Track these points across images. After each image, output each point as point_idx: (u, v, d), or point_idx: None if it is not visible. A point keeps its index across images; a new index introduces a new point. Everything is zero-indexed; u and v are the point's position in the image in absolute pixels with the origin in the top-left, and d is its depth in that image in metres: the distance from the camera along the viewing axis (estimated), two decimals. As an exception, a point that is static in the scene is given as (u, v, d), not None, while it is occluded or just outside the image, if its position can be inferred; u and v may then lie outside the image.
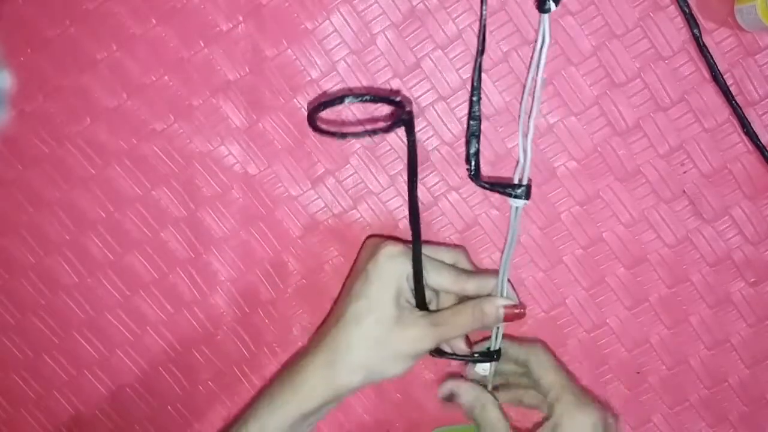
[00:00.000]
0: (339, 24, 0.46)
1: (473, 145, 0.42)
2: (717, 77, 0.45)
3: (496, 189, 0.42)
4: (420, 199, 0.47)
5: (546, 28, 0.38)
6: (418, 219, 0.41)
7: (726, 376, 0.49)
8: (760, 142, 0.45)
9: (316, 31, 0.46)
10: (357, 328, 0.41)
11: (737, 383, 0.49)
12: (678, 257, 0.47)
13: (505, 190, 0.41)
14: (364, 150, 0.47)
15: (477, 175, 0.42)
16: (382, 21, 0.45)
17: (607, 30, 0.45)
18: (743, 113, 0.45)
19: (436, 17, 0.45)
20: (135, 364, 0.50)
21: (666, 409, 0.49)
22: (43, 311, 0.49)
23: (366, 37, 0.46)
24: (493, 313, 0.43)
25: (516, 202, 0.41)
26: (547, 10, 0.37)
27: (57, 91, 0.46)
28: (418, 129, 0.47)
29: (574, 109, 0.46)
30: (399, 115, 0.38)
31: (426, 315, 0.42)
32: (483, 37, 0.41)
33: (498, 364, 0.46)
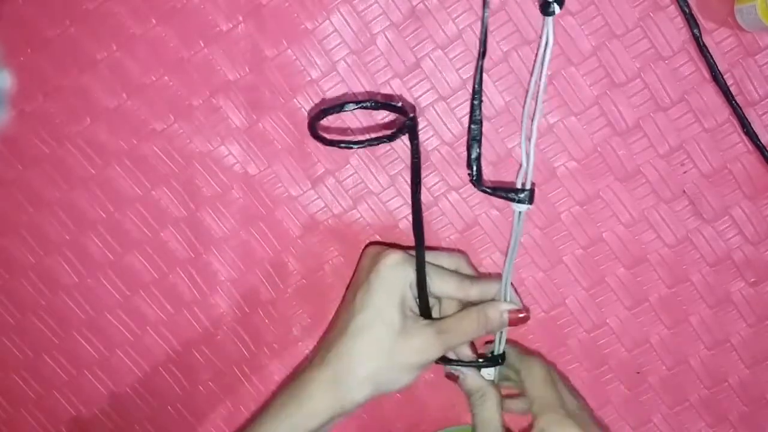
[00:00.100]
0: (339, 24, 0.46)
1: (475, 149, 0.41)
2: (717, 77, 0.45)
3: (498, 194, 0.41)
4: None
5: (550, 31, 0.37)
6: (421, 226, 0.40)
7: (726, 376, 0.49)
8: (760, 142, 0.45)
9: (316, 31, 0.46)
10: (362, 341, 0.41)
11: (737, 383, 0.49)
12: (678, 257, 0.47)
13: (508, 195, 0.40)
14: (364, 150, 0.47)
15: (479, 180, 0.41)
16: (382, 21, 0.45)
17: (607, 30, 0.45)
18: (743, 113, 0.45)
19: (436, 17, 0.45)
20: (135, 365, 0.50)
21: (666, 409, 0.49)
22: (43, 311, 0.49)
23: (366, 37, 0.46)
24: (497, 318, 0.42)
25: (519, 207, 0.41)
26: (552, 13, 0.37)
27: (57, 91, 0.46)
28: (419, 129, 0.46)
29: (574, 109, 0.46)
30: (402, 122, 0.37)
31: (431, 324, 0.42)
32: (484, 40, 0.41)
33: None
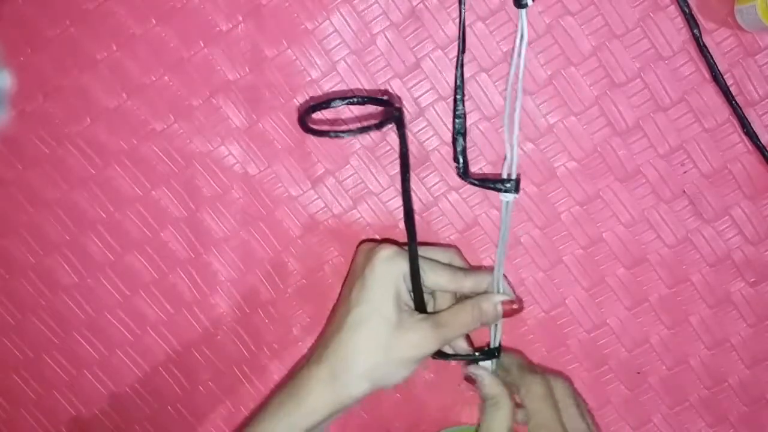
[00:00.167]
0: (339, 24, 0.46)
1: (460, 143, 0.43)
2: (717, 77, 0.45)
3: (485, 185, 0.42)
4: (420, 199, 0.47)
5: (524, 23, 0.38)
6: (412, 217, 0.41)
7: (726, 376, 0.49)
8: (760, 142, 0.45)
9: (316, 31, 0.46)
10: (359, 337, 0.41)
11: (737, 383, 0.49)
12: (678, 257, 0.47)
13: (494, 185, 0.42)
14: (364, 150, 0.47)
15: (466, 173, 0.42)
16: (382, 21, 0.45)
17: (607, 30, 0.45)
18: (743, 113, 0.45)
19: (436, 17, 0.45)
20: (135, 365, 0.50)
21: (666, 410, 0.49)
22: (43, 311, 0.49)
23: (366, 37, 0.46)
24: (491, 310, 0.43)
25: (506, 197, 0.41)
26: (524, 6, 0.38)
27: (57, 91, 0.46)
28: (419, 129, 0.47)
29: (574, 109, 0.46)
30: (389, 113, 0.38)
31: (426, 318, 0.42)
32: (463, 35, 0.42)
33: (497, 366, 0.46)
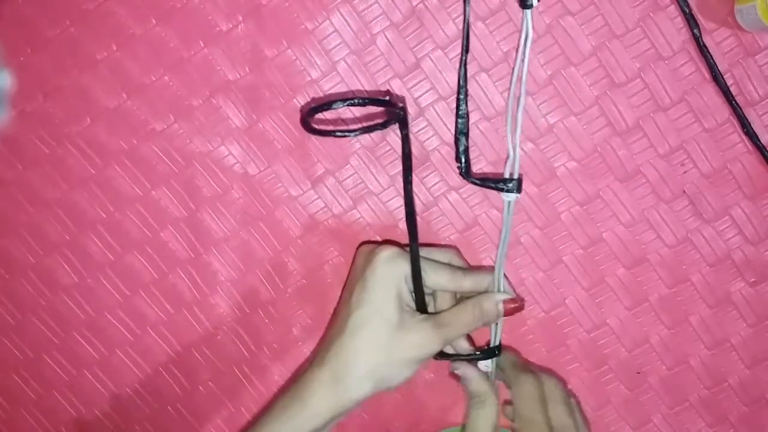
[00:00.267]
0: (339, 24, 0.46)
1: (462, 142, 0.43)
2: (717, 77, 0.45)
3: (487, 185, 0.42)
4: (420, 199, 0.47)
5: (529, 23, 0.38)
6: (414, 217, 0.41)
7: (726, 376, 0.49)
8: (760, 142, 0.45)
9: (316, 31, 0.46)
10: (360, 338, 0.41)
11: (737, 383, 0.49)
12: (678, 257, 0.47)
13: (496, 185, 0.41)
14: (364, 150, 0.47)
15: (468, 172, 0.42)
16: (382, 21, 0.45)
17: (607, 30, 0.45)
18: (743, 113, 0.45)
19: (436, 17, 0.45)
20: (135, 365, 0.50)
21: (666, 410, 0.49)
22: (43, 311, 0.49)
23: (366, 37, 0.46)
24: (493, 309, 0.43)
25: (508, 197, 0.42)
26: (530, 6, 0.38)
27: (57, 91, 0.46)
28: (419, 129, 0.47)
29: (574, 109, 0.46)
30: (393, 112, 0.38)
31: (428, 318, 0.42)
32: (467, 35, 0.42)
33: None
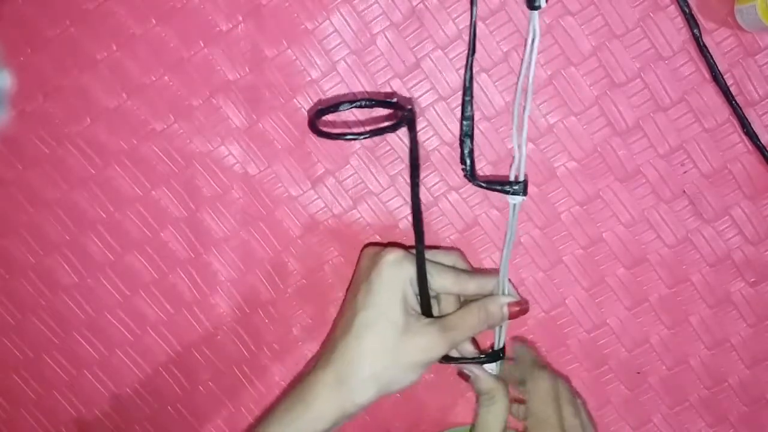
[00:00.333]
0: (339, 24, 0.46)
1: (467, 144, 0.42)
2: (717, 77, 0.45)
3: (493, 187, 0.42)
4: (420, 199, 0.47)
5: (536, 24, 0.38)
6: (421, 219, 0.41)
7: (726, 376, 0.49)
8: (760, 142, 0.45)
9: (316, 31, 0.46)
10: (365, 341, 0.41)
11: (737, 383, 0.49)
12: (678, 257, 0.47)
13: (502, 188, 0.41)
14: (364, 150, 0.47)
15: (473, 175, 0.42)
16: (382, 21, 0.45)
17: (607, 30, 0.45)
18: (743, 113, 0.45)
19: (436, 17, 0.45)
20: (135, 365, 0.50)
21: (666, 410, 0.49)
22: (43, 311, 0.49)
23: (366, 37, 0.46)
24: (498, 312, 0.43)
25: (514, 199, 0.41)
26: (537, 7, 0.38)
27: (57, 91, 0.46)
28: (419, 129, 0.47)
29: (574, 109, 0.46)
30: (401, 114, 0.38)
31: (434, 322, 0.42)
32: (473, 37, 0.41)
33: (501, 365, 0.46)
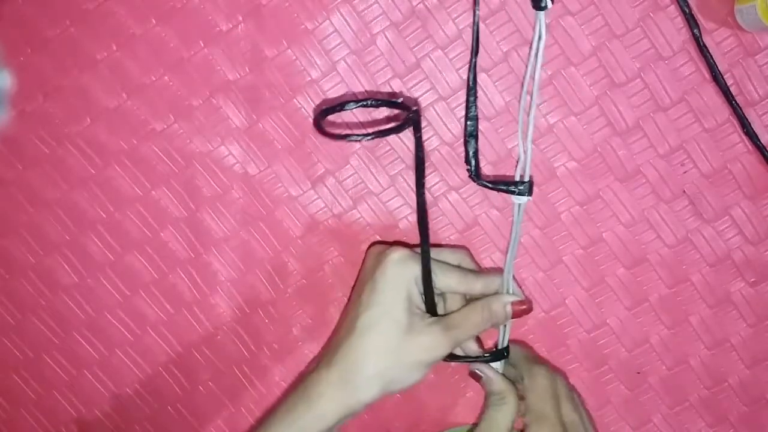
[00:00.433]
0: (339, 24, 0.46)
1: (472, 145, 0.42)
2: (717, 77, 0.45)
3: (498, 188, 0.42)
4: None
5: (542, 25, 0.38)
6: (426, 220, 0.40)
7: (726, 376, 0.49)
8: (760, 142, 0.45)
9: (316, 31, 0.46)
10: (369, 340, 0.41)
11: (737, 383, 0.49)
12: (678, 257, 0.47)
13: (507, 188, 0.41)
14: (364, 150, 0.47)
15: (477, 175, 0.42)
16: (382, 21, 0.45)
17: (607, 30, 0.45)
18: (743, 113, 0.45)
19: (436, 17, 0.45)
20: (135, 365, 0.50)
21: (666, 410, 0.49)
22: (43, 311, 0.49)
23: (366, 37, 0.46)
24: (501, 311, 0.43)
25: (519, 199, 0.41)
26: (543, 8, 0.37)
27: (57, 91, 0.46)
28: (422, 122, 0.46)
29: (574, 109, 0.46)
30: (406, 116, 0.37)
31: (437, 321, 0.42)
32: (477, 38, 0.41)
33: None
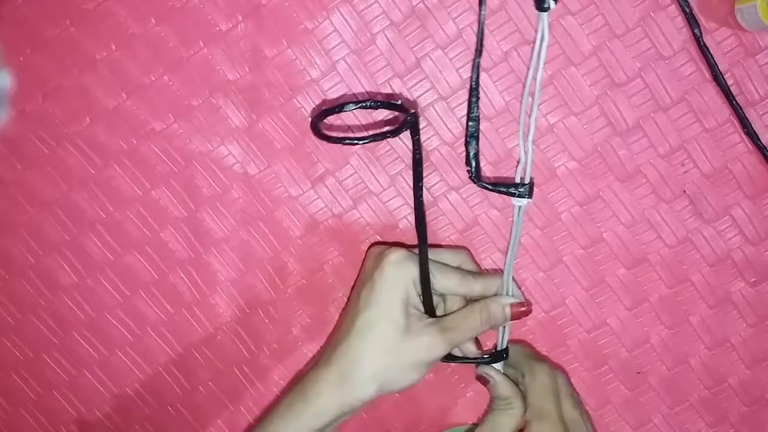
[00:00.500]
0: (339, 24, 0.45)
1: (473, 146, 0.42)
2: (717, 77, 0.45)
3: (498, 189, 0.41)
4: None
5: (545, 26, 0.37)
6: (424, 223, 0.40)
7: (726, 377, 0.49)
8: (761, 142, 0.45)
9: (316, 31, 0.46)
10: (367, 340, 0.41)
11: (737, 383, 0.49)
12: (678, 257, 0.47)
13: (508, 190, 0.41)
14: (364, 150, 0.47)
15: (478, 177, 0.42)
16: (382, 21, 0.45)
17: (607, 30, 0.45)
18: (744, 113, 0.45)
19: (436, 17, 0.45)
20: (135, 365, 0.50)
21: (666, 410, 0.49)
22: (43, 311, 0.49)
23: (366, 37, 0.46)
24: (500, 312, 0.43)
25: (519, 201, 0.41)
26: (546, 9, 0.37)
27: (57, 91, 0.46)
28: (420, 125, 0.46)
29: (574, 109, 0.46)
30: (404, 119, 0.37)
31: (435, 321, 0.42)
32: (481, 38, 0.41)
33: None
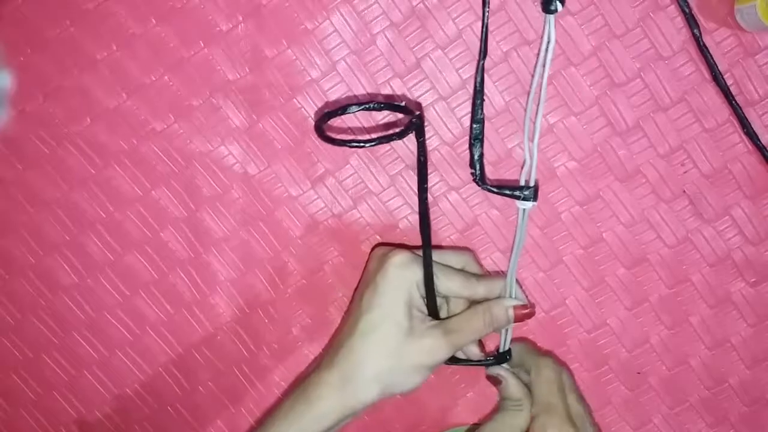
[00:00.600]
0: (339, 24, 0.46)
1: (477, 149, 0.41)
2: (717, 77, 0.45)
3: (503, 193, 0.41)
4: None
5: (551, 28, 0.37)
6: (429, 225, 0.40)
7: (726, 377, 0.49)
8: (761, 142, 0.45)
9: (316, 31, 0.46)
10: (369, 342, 0.41)
11: (737, 383, 0.49)
12: (678, 257, 0.47)
13: (513, 193, 0.41)
14: (364, 150, 0.47)
15: (482, 179, 0.42)
16: (382, 21, 0.45)
17: (607, 30, 0.45)
18: (743, 113, 0.45)
19: (436, 17, 0.45)
20: (135, 365, 0.50)
21: (666, 410, 0.49)
22: (43, 311, 0.49)
23: (366, 37, 0.46)
24: (503, 315, 0.43)
25: (524, 204, 0.41)
26: (554, 11, 0.37)
27: (57, 91, 0.46)
28: (425, 127, 0.46)
29: (574, 109, 0.46)
30: (410, 120, 0.37)
31: (438, 324, 0.42)
32: (485, 41, 0.41)
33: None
